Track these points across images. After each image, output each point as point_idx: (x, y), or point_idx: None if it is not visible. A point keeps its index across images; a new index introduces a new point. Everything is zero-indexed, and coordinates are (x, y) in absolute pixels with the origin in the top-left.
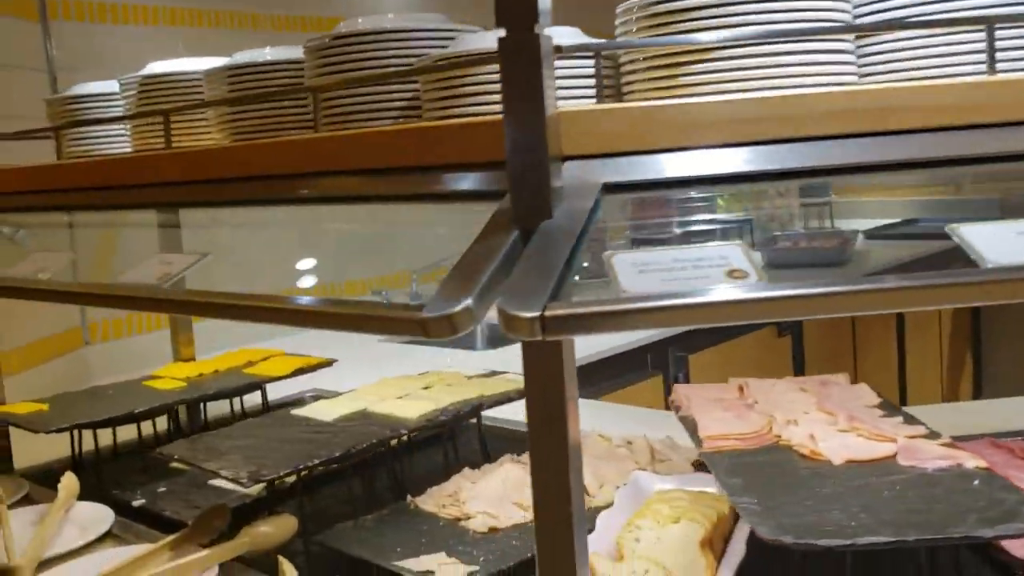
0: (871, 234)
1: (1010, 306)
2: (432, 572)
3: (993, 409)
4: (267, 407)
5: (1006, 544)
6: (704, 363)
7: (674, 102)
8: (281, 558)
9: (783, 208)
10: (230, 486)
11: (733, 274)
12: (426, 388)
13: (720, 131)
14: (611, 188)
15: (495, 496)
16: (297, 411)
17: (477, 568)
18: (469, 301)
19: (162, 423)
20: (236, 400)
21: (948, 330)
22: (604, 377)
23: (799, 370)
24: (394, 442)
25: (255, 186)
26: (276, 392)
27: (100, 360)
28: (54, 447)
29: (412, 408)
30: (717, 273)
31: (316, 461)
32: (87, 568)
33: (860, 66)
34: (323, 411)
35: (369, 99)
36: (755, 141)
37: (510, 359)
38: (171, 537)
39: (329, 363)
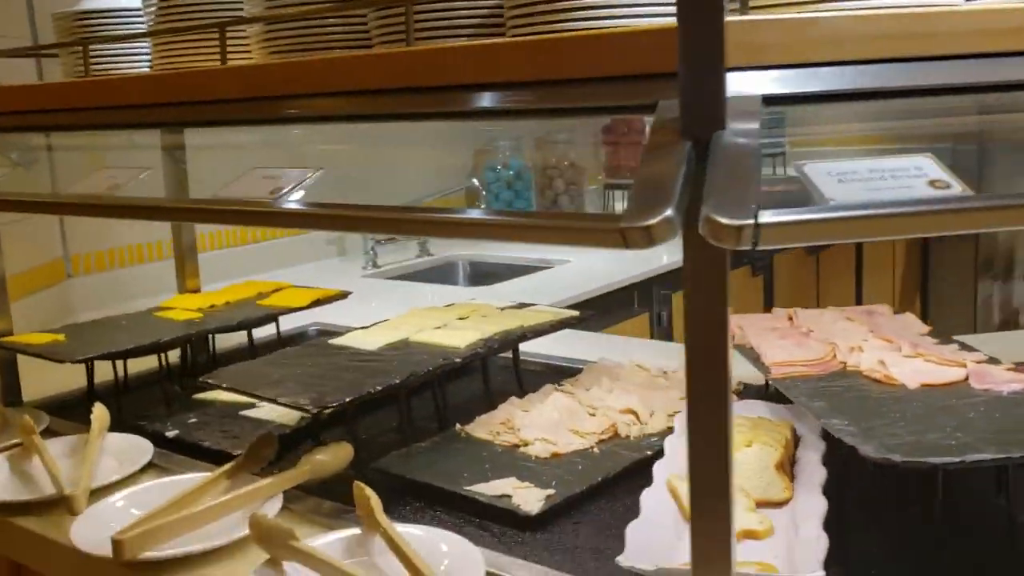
0: None
1: (956, 246)
2: (508, 496)
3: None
4: (280, 339)
5: None
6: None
7: (826, 15)
8: (360, 484)
9: None
10: (265, 416)
11: (935, 184)
12: (461, 319)
13: (868, 46)
14: (769, 100)
15: (550, 424)
16: (335, 341)
17: (553, 491)
18: (670, 212)
19: (168, 356)
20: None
21: (901, 270)
22: (596, 313)
23: (769, 305)
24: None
25: (341, 102)
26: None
27: (83, 293)
28: (61, 379)
29: (457, 337)
30: (919, 183)
31: (379, 388)
32: (142, 498)
33: None
34: (363, 340)
35: (442, 14)
36: (905, 57)
37: (493, 296)
38: (227, 466)
39: (344, 295)
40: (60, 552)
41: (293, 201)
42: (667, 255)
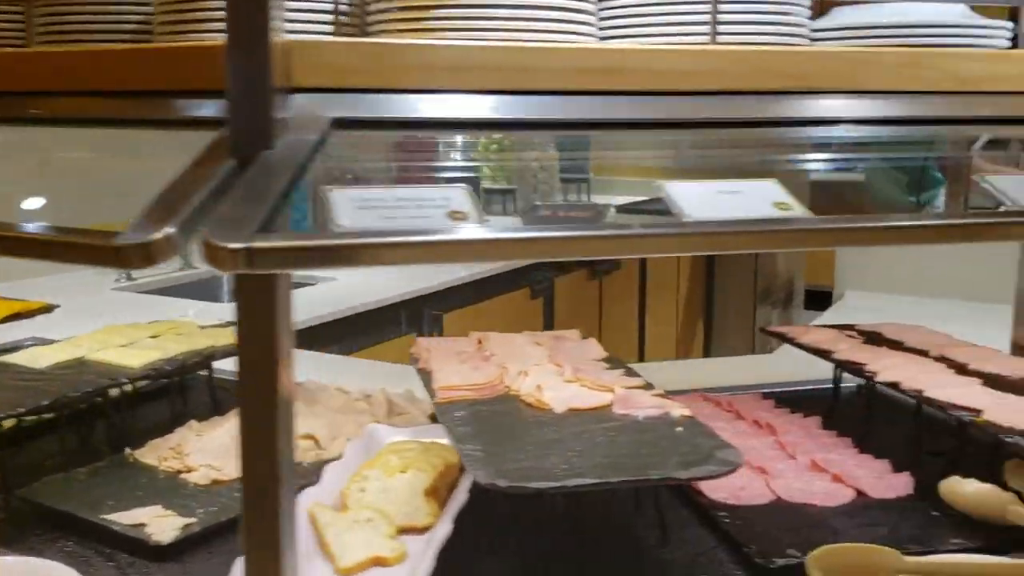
0: (622, 208)
1: (737, 274)
2: (144, 525)
3: (713, 367)
4: None
5: (703, 486)
6: (458, 321)
7: (413, 42)
8: None
9: (543, 182)
10: None
11: (454, 215)
12: (154, 337)
13: (458, 76)
14: (341, 124)
15: (221, 448)
16: (7, 358)
17: (195, 520)
18: (171, 229)
19: None
20: None
21: (684, 294)
22: (356, 333)
23: (549, 328)
24: (115, 392)
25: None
26: None
27: None
28: None
29: (135, 357)
30: (438, 214)
31: (20, 410)
32: None
33: (600, 28)
34: (36, 358)
35: (96, 17)
36: (492, 90)
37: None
38: None
39: (49, 308)
40: None
41: None
42: (436, 275)
